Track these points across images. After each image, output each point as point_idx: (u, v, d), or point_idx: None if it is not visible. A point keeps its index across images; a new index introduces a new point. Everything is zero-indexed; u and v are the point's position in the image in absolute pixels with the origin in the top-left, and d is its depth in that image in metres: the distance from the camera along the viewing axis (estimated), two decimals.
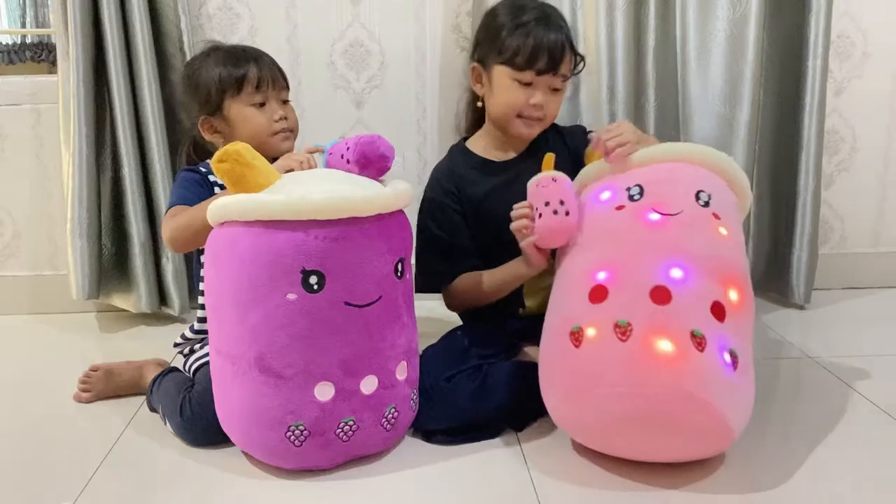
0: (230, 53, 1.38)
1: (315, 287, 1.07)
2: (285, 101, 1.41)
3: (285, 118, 1.38)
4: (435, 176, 1.47)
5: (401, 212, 1.19)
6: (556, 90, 1.37)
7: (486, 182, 1.42)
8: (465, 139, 1.50)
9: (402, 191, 1.17)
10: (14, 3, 2.65)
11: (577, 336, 1.08)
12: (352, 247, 1.09)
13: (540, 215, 1.20)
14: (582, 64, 1.43)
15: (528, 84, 1.34)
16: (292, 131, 1.41)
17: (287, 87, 1.42)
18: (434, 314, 1.45)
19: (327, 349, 1.09)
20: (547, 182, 1.22)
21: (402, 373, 1.17)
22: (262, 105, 1.36)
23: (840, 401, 1.35)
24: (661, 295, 1.05)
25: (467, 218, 1.42)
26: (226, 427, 1.16)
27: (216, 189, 1.31)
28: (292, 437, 1.09)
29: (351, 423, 1.11)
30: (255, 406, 1.10)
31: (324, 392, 1.09)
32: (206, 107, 1.37)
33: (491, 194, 1.41)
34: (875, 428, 1.26)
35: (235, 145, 1.08)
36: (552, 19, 1.34)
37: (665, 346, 1.01)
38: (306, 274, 1.06)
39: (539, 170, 1.25)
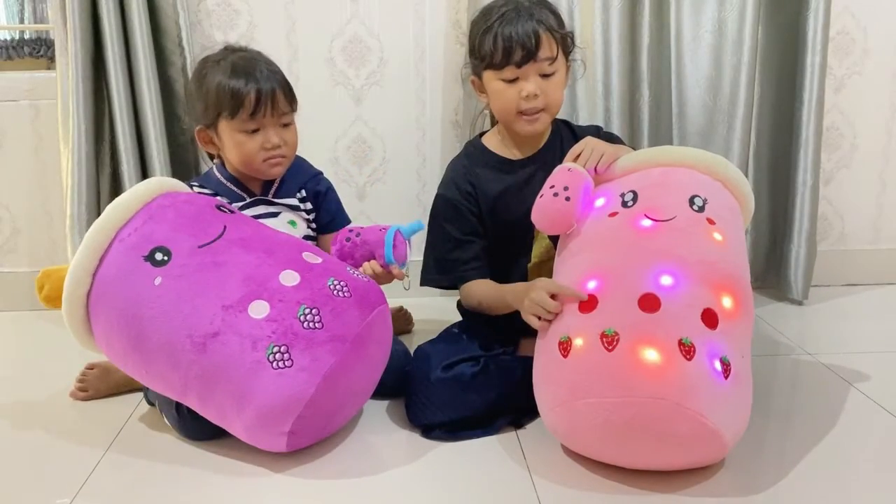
0: (238, 68, 1.31)
1: (166, 259, 1.11)
2: (286, 124, 1.36)
3: (279, 146, 1.34)
4: (450, 174, 1.44)
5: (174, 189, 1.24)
6: (547, 75, 1.33)
7: (502, 181, 1.41)
8: (481, 135, 1.48)
9: (159, 181, 1.23)
10: None
11: (565, 346, 1.07)
12: (162, 216, 1.15)
13: (541, 196, 1.21)
14: (571, 42, 1.39)
15: (514, 80, 1.32)
16: (285, 157, 1.36)
17: (291, 109, 1.36)
18: (434, 312, 1.44)
19: (225, 280, 1.09)
20: (562, 170, 1.24)
21: (313, 258, 1.17)
22: (255, 131, 1.32)
23: (838, 397, 1.34)
24: (649, 303, 1.04)
25: (482, 217, 1.41)
26: (247, 435, 1.11)
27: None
28: (278, 364, 1.05)
29: (306, 311, 1.08)
30: (232, 378, 1.06)
31: (258, 309, 1.07)
32: (203, 117, 1.35)
33: (505, 193, 1.40)
34: (873, 424, 1.26)
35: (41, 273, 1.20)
36: (522, 9, 1.31)
37: (651, 355, 1.00)
38: (150, 257, 1.11)
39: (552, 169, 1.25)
